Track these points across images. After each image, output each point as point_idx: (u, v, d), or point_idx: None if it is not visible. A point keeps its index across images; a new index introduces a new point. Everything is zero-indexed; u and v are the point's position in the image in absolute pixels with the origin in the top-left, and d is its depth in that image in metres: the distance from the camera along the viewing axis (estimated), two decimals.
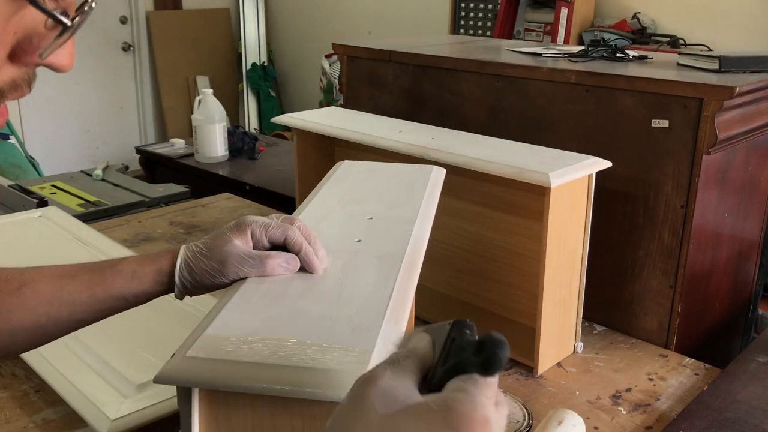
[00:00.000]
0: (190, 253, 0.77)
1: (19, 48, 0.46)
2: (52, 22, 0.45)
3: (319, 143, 1.51)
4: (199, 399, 0.59)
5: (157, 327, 1.15)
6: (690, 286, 1.26)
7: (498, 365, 0.44)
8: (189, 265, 0.76)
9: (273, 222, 0.78)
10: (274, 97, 5.43)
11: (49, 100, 4.69)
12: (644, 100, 1.22)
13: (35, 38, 0.46)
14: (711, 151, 1.16)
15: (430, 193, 1.00)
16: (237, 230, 0.77)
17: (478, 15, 4.01)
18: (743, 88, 1.15)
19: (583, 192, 1.15)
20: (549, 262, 1.11)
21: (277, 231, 0.77)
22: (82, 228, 1.55)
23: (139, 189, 2.17)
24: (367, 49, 1.67)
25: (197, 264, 0.76)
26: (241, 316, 0.66)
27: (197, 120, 2.64)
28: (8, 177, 2.70)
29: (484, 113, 1.46)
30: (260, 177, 2.53)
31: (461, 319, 0.48)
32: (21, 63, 0.47)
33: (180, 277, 0.76)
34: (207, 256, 0.75)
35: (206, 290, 0.77)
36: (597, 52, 1.50)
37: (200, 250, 0.76)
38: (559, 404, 1.07)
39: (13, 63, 0.46)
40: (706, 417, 1.01)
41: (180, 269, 0.76)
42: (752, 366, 1.14)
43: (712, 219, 1.28)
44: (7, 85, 0.47)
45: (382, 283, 0.72)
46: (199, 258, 0.76)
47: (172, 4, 5.15)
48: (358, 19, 4.81)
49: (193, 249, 0.77)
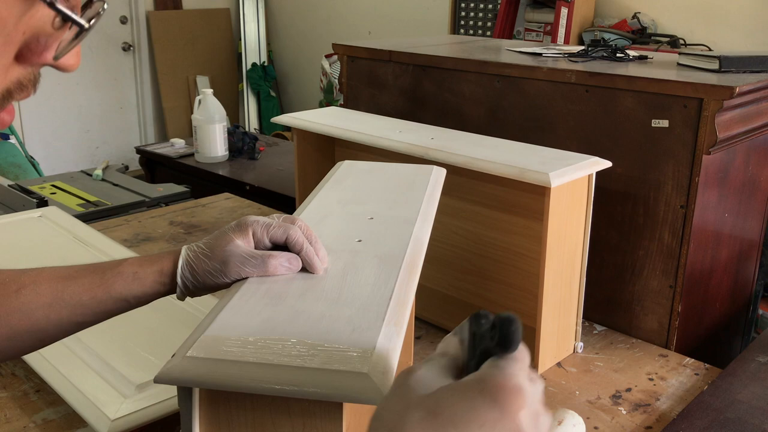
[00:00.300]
0: (192, 253, 0.76)
1: (27, 48, 0.45)
2: (59, 21, 0.45)
3: (319, 143, 1.51)
4: (199, 399, 0.59)
5: (157, 327, 1.15)
6: (690, 286, 1.26)
7: (513, 341, 0.46)
8: (191, 265, 0.76)
9: (274, 222, 0.78)
10: (274, 97, 5.43)
11: (49, 100, 4.69)
12: (644, 100, 1.22)
13: (42, 38, 0.45)
14: (711, 151, 1.16)
15: (431, 193, 1.00)
16: (239, 230, 0.76)
17: (478, 15, 4.01)
18: (743, 88, 1.15)
19: (583, 192, 1.15)
20: (549, 262, 1.11)
21: (278, 231, 0.77)
22: (82, 228, 1.55)
23: (139, 189, 2.17)
24: (367, 49, 1.67)
25: (199, 264, 0.75)
26: (242, 316, 0.66)
27: (197, 120, 2.64)
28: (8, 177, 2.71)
29: (484, 113, 1.46)
30: (260, 177, 2.53)
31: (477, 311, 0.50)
32: (28, 63, 0.46)
33: (182, 277, 0.76)
34: (209, 256, 0.75)
35: (208, 291, 0.77)
36: (597, 52, 1.50)
37: (202, 250, 0.76)
38: (559, 404, 1.07)
39: (20, 63, 0.46)
40: (706, 417, 1.01)
41: (182, 270, 0.76)
42: (752, 366, 1.14)
43: (712, 219, 1.28)
44: (14, 85, 0.47)
45: (383, 283, 0.72)
46: (200, 258, 0.76)
47: (172, 4, 5.15)
48: (358, 19, 4.81)
49: (195, 249, 0.77)
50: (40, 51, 0.46)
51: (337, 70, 4.30)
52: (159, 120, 5.25)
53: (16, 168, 3.17)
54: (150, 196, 2.08)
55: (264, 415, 0.59)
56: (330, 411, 0.58)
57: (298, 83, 5.39)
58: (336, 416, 0.58)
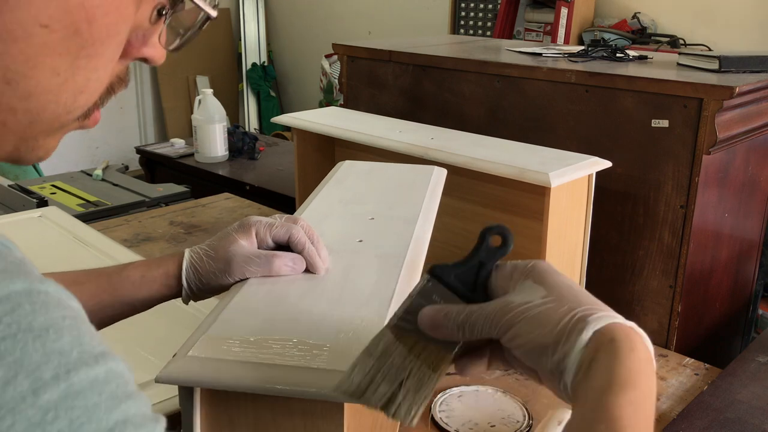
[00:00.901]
0: (195, 255, 0.77)
1: (128, 43, 0.46)
2: (156, 15, 0.46)
3: (319, 143, 1.51)
4: (200, 399, 0.59)
5: (158, 327, 1.15)
6: (690, 286, 1.26)
7: (499, 233, 0.59)
8: (195, 267, 0.76)
9: (277, 222, 0.78)
10: (274, 97, 5.43)
11: None
12: (644, 100, 1.22)
13: (140, 32, 0.46)
14: (711, 151, 1.16)
15: (432, 193, 1.00)
16: (241, 230, 0.77)
17: (478, 15, 4.01)
18: (743, 88, 1.15)
19: (583, 192, 1.16)
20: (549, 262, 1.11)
21: (281, 230, 0.77)
22: (82, 228, 1.55)
23: (139, 189, 2.17)
24: (367, 49, 1.67)
25: (203, 266, 0.75)
26: (243, 316, 0.66)
27: (197, 120, 2.64)
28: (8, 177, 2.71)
29: (484, 113, 1.46)
30: (260, 177, 2.53)
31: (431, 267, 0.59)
32: (128, 57, 0.47)
33: (187, 279, 0.76)
34: (212, 257, 0.75)
35: (212, 293, 0.77)
36: (597, 52, 1.50)
37: (205, 251, 0.76)
38: (559, 404, 1.07)
39: (121, 58, 0.46)
40: (706, 417, 1.01)
41: (186, 271, 0.76)
42: (752, 366, 1.14)
43: (712, 219, 1.28)
44: (116, 79, 0.47)
45: (384, 283, 0.73)
46: (204, 260, 0.76)
47: None
48: (358, 19, 4.81)
49: (198, 251, 0.77)
50: (139, 45, 0.47)
51: (337, 70, 4.30)
52: (159, 120, 5.25)
53: (16, 168, 3.17)
54: (150, 196, 2.08)
55: (265, 415, 0.59)
56: (331, 411, 0.58)
57: (298, 83, 5.39)
58: (337, 416, 0.58)
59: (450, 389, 1.09)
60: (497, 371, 1.15)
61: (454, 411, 1.04)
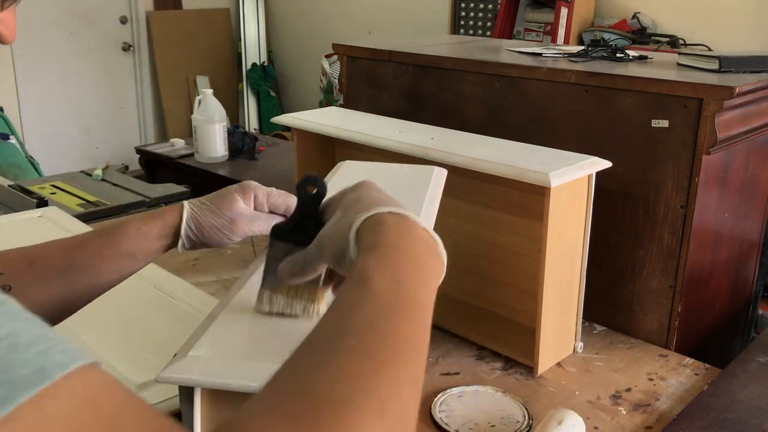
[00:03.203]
0: (196, 208, 0.79)
1: None
2: None
3: (319, 143, 1.51)
4: (201, 399, 0.59)
5: (158, 327, 1.15)
6: (690, 286, 1.26)
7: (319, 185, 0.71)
8: (196, 219, 0.78)
9: (275, 191, 0.82)
10: (274, 97, 5.43)
11: (49, 100, 4.69)
12: (644, 100, 1.22)
13: None
14: (711, 151, 1.17)
15: (432, 193, 1.00)
16: (241, 191, 0.81)
17: (478, 15, 4.01)
18: (743, 88, 1.15)
19: (583, 192, 1.16)
20: (549, 262, 1.11)
21: (278, 199, 0.81)
22: (82, 228, 1.55)
23: (139, 189, 2.17)
24: (367, 49, 1.67)
25: (205, 219, 0.78)
26: (244, 316, 0.66)
27: (197, 120, 2.64)
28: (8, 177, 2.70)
29: (484, 113, 1.46)
30: (260, 177, 2.51)
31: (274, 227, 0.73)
32: None
33: (186, 230, 0.78)
34: (215, 212, 0.78)
35: (208, 246, 0.80)
36: (597, 52, 1.50)
37: (206, 206, 0.79)
38: (559, 404, 1.07)
39: None
40: (706, 417, 1.01)
41: (187, 222, 0.78)
42: (752, 366, 1.15)
43: (712, 219, 1.28)
44: None
45: None
46: (206, 213, 0.78)
47: (172, 4, 5.15)
48: (358, 19, 4.81)
49: (198, 204, 0.80)
50: None
51: (337, 70, 4.30)
52: (159, 120, 5.25)
53: (16, 168, 3.17)
54: (150, 196, 2.08)
55: None
56: None
57: (298, 83, 5.39)
58: None
59: (450, 389, 1.09)
60: (497, 372, 1.16)
61: (453, 411, 1.04)
